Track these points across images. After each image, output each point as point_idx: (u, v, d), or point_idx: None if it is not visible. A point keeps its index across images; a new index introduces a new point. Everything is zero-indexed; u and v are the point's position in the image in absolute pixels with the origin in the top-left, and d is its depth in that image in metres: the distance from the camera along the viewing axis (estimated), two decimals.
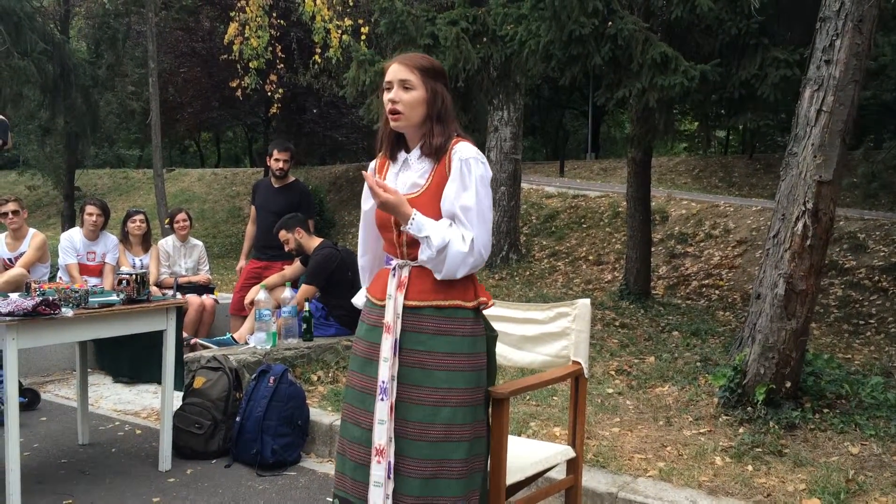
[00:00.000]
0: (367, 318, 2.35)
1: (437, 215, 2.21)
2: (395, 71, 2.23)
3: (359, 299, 2.52)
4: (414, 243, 2.23)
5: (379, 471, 2.18)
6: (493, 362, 2.38)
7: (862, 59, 3.94)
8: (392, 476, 2.18)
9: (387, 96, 2.24)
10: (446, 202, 2.19)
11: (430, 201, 2.21)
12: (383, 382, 2.20)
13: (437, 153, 2.24)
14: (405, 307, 2.22)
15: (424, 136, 2.25)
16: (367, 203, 2.43)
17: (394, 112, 2.22)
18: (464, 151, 2.21)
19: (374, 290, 2.36)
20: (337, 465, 2.35)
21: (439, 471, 2.17)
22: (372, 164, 2.42)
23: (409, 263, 2.26)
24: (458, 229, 2.17)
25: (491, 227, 2.23)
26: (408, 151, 2.32)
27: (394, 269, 2.28)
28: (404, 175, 2.30)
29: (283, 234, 5.30)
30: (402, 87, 2.21)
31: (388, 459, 2.17)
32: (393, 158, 2.35)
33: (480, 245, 2.17)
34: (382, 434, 2.18)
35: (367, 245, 2.51)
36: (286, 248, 5.35)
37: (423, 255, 2.18)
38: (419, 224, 2.15)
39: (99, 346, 4.18)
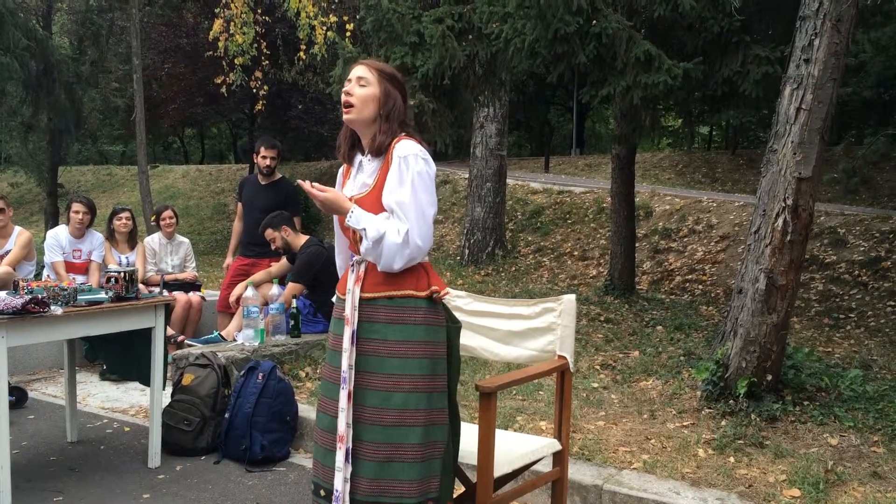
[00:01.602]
0: (335, 312, 2.48)
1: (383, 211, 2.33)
2: (356, 70, 2.41)
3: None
4: None
5: (340, 455, 2.29)
6: (456, 353, 2.46)
7: (840, 58, 4.01)
8: (350, 460, 2.29)
9: (343, 94, 2.39)
10: (385, 197, 2.32)
11: (377, 199, 2.33)
12: (343, 372, 2.32)
13: (380, 150, 2.37)
14: (361, 299, 2.34)
15: (372, 135, 2.39)
16: None
17: (346, 105, 2.36)
18: (403, 149, 2.33)
19: (339, 286, 2.49)
20: (314, 452, 2.46)
21: (393, 454, 2.27)
22: (340, 171, 2.56)
23: (365, 259, 2.38)
24: (395, 222, 2.28)
25: (430, 220, 2.32)
26: (363, 154, 2.44)
27: (353, 265, 2.41)
28: (359, 176, 2.43)
29: (269, 233, 5.32)
30: (358, 83, 2.37)
31: (346, 445, 2.28)
32: (351, 163, 2.48)
33: (416, 237, 2.27)
34: (342, 421, 2.30)
35: (341, 247, 2.64)
36: (273, 247, 5.37)
37: (362, 247, 2.31)
38: (357, 217, 2.29)
39: (92, 343, 4.19)
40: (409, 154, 2.31)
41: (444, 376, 2.38)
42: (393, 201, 2.29)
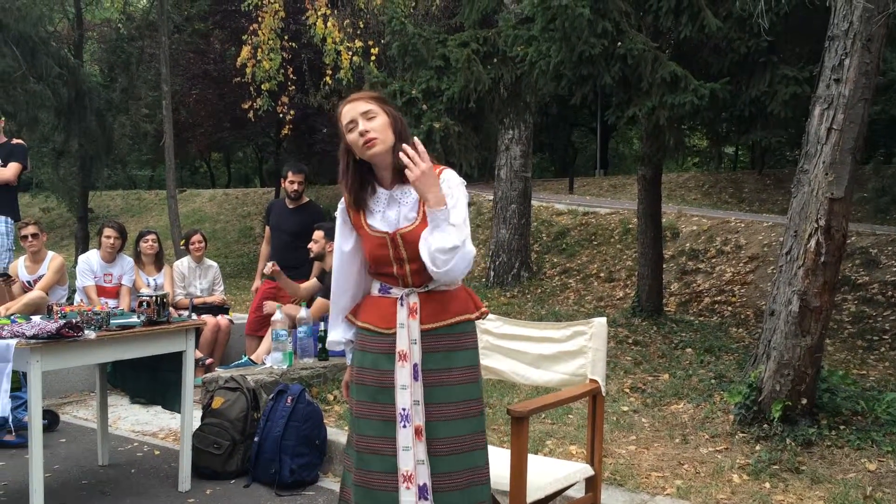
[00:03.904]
0: (371, 347, 2.33)
1: None
2: (353, 107, 2.31)
3: (335, 336, 2.48)
4: (419, 272, 2.26)
5: (409, 496, 2.22)
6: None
7: (871, 78, 3.98)
8: (430, 497, 2.22)
9: (354, 134, 2.28)
10: None
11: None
12: (404, 410, 2.23)
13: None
14: (422, 332, 2.27)
15: (396, 161, 2.28)
16: (349, 243, 2.41)
17: (369, 141, 2.25)
18: (451, 178, 2.31)
19: (373, 320, 2.34)
20: (356, 497, 2.30)
21: (472, 478, 2.26)
22: (344, 213, 2.41)
23: (415, 290, 2.29)
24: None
25: None
26: (385, 186, 2.35)
27: (400, 298, 2.30)
28: (392, 211, 2.32)
29: (319, 234, 5.33)
30: (366, 118, 2.28)
31: (417, 483, 2.22)
32: (365, 206, 2.35)
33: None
34: (409, 460, 2.22)
35: (345, 286, 2.45)
36: (310, 245, 5.36)
37: (448, 242, 2.17)
38: (450, 208, 2.21)
39: (115, 367, 4.23)
40: (459, 184, 2.31)
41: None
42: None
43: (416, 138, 2.23)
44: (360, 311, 2.40)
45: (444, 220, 2.19)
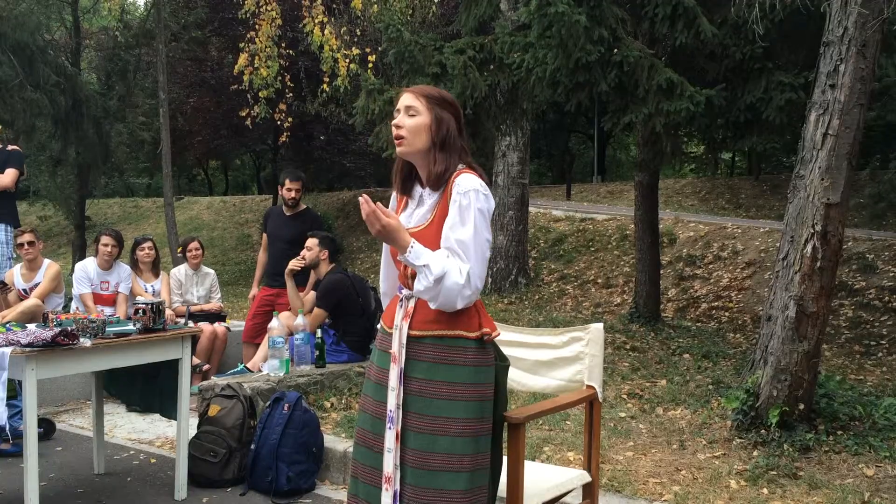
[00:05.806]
0: (379, 343, 2.37)
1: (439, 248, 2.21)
2: (403, 99, 2.28)
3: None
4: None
5: (387, 498, 2.21)
6: (503, 393, 2.35)
7: (866, 83, 3.99)
8: (398, 502, 2.20)
9: (392, 125, 2.29)
10: (445, 235, 2.18)
11: (433, 235, 2.20)
12: (391, 411, 2.23)
13: (439, 182, 2.25)
14: (409, 336, 2.24)
15: (428, 166, 2.27)
16: None
17: (397, 137, 2.25)
18: (464, 184, 2.19)
19: (385, 317, 2.39)
20: (350, 487, 2.38)
21: (437, 500, 2.17)
22: (392, 202, 2.44)
23: (415, 294, 2.26)
24: (456, 261, 2.14)
25: (487, 259, 2.20)
26: (423, 186, 2.32)
27: (401, 299, 2.30)
28: (419, 210, 2.30)
29: (312, 241, 5.32)
30: (407, 113, 2.25)
31: (394, 487, 2.20)
32: (409, 194, 2.35)
33: (476, 278, 2.15)
34: (389, 462, 2.21)
35: (387, 271, 2.53)
36: (303, 254, 5.35)
37: (420, 284, 2.15)
38: (417, 252, 2.13)
39: (111, 375, 4.22)
40: (471, 190, 2.17)
41: (491, 418, 2.27)
42: (454, 240, 2.15)
43: (363, 196, 2.13)
44: (386, 308, 2.46)
45: (412, 263, 2.15)
